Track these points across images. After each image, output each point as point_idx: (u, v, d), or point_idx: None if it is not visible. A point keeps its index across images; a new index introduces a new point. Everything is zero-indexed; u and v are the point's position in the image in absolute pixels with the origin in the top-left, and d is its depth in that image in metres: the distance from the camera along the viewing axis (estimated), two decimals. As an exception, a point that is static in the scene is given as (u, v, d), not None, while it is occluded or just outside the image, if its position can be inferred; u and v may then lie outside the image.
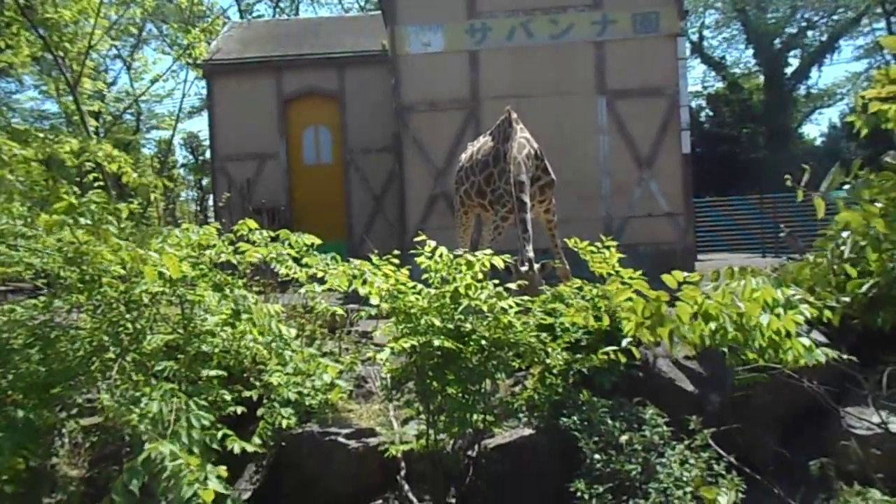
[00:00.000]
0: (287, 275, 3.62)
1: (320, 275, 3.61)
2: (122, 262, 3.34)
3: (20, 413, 3.32)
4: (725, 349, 2.89)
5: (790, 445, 3.47)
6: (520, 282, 4.77)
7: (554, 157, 11.02)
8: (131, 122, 23.49)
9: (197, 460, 2.79)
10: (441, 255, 3.79)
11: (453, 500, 3.97)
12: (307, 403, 4.17)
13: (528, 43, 11.50)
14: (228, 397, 3.50)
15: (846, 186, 3.20)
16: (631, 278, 3.31)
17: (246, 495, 3.92)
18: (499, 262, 3.94)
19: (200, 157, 22.11)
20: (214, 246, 3.45)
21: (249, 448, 3.14)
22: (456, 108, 11.64)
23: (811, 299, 2.83)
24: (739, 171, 21.55)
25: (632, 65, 11.34)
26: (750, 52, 26.80)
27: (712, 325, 2.78)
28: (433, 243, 3.82)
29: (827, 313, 2.81)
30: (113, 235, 3.11)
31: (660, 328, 2.99)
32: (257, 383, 3.95)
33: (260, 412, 3.81)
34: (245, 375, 4.04)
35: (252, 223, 3.60)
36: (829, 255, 3.20)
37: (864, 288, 3.10)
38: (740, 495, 3.10)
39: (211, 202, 15.34)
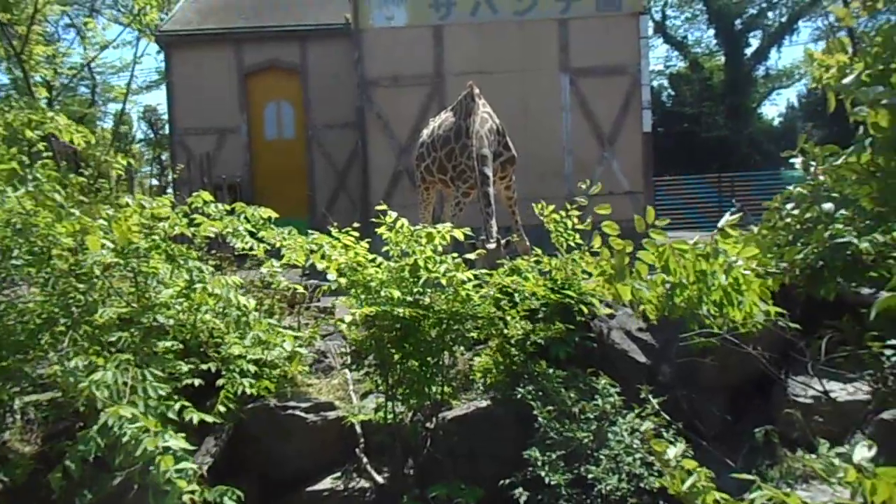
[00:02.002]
0: (243, 249, 3.58)
1: (278, 247, 3.59)
2: (71, 233, 3.28)
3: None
4: (679, 314, 2.96)
5: (738, 414, 3.59)
6: (479, 252, 4.81)
7: (517, 134, 11.05)
8: (86, 94, 22.77)
9: (156, 423, 2.78)
10: (402, 227, 3.79)
11: (411, 472, 4.02)
12: (265, 377, 4.18)
13: (492, 18, 11.46)
14: (185, 369, 3.48)
15: (796, 161, 3.29)
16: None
17: (204, 468, 3.90)
18: (459, 234, 3.96)
19: (160, 132, 21.58)
20: (168, 218, 3.39)
21: (208, 419, 3.14)
22: (420, 84, 11.57)
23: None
24: (699, 150, 21.88)
25: (595, 43, 11.38)
26: (711, 32, 27.12)
27: (670, 279, 2.85)
28: (394, 214, 3.82)
29: (768, 281, 2.89)
30: (56, 204, 3.05)
31: (620, 284, 3.04)
32: (215, 356, 3.93)
33: (220, 382, 3.79)
34: (202, 349, 4.01)
35: (207, 195, 3.55)
36: (773, 225, 3.29)
37: (801, 255, 3.21)
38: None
39: (170, 177, 15.04)
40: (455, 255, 3.92)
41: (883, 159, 2.93)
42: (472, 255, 3.94)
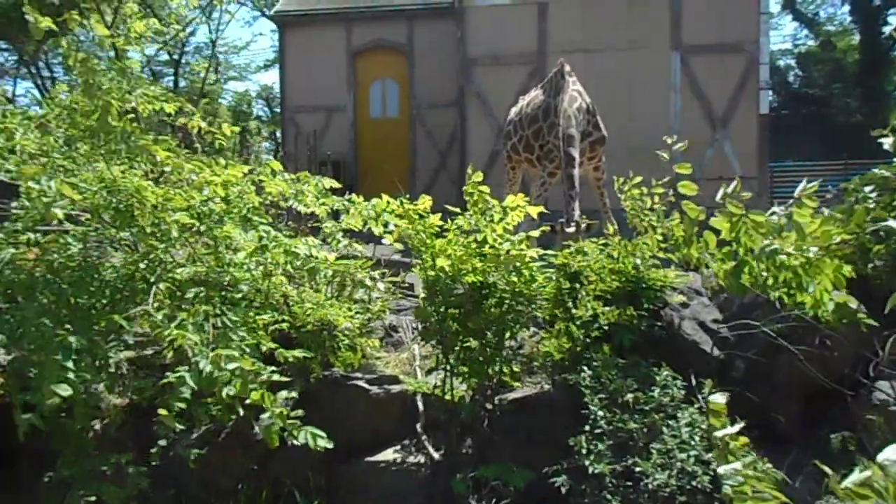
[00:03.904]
0: (306, 213, 3.67)
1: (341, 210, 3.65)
2: (155, 195, 3.47)
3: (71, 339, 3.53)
4: (744, 292, 2.75)
5: (816, 416, 3.30)
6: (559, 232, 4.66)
7: (621, 114, 10.71)
8: (210, 72, 24.22)
9: (250, 361, 2.87)
10: (477, 200, 3.75)
11: (469, 450, 4.00)
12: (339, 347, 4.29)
13: (599, -5, 11.07)
14: (266, 318, 3.61)
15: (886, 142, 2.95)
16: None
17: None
18: (533, 212, 3.86)
19: (276, 110, 22.62)
20: (238, 185, 3.52)
21: (291, 357, 3.24)
22: (521, 63, 11.39)
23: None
24: (828, 134, 20.24)
25: (710, 18, 10.75)
26: (846, 8, 24.89)
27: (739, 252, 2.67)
28: (480, 174, 3.80)
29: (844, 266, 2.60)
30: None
31: (687, 249, 2.89)
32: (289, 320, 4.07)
33: (307, 321, 3.90)
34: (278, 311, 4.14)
35: (276, 164, 3.66)
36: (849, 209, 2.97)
37: (882, 245, 2.86)
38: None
39: (279, 153, 15.73)
40: (525, 233, 3.83)
41: None
42: (535, 233, 3.82)
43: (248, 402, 2.74)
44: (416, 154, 13.86)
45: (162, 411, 2.79)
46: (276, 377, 3.23)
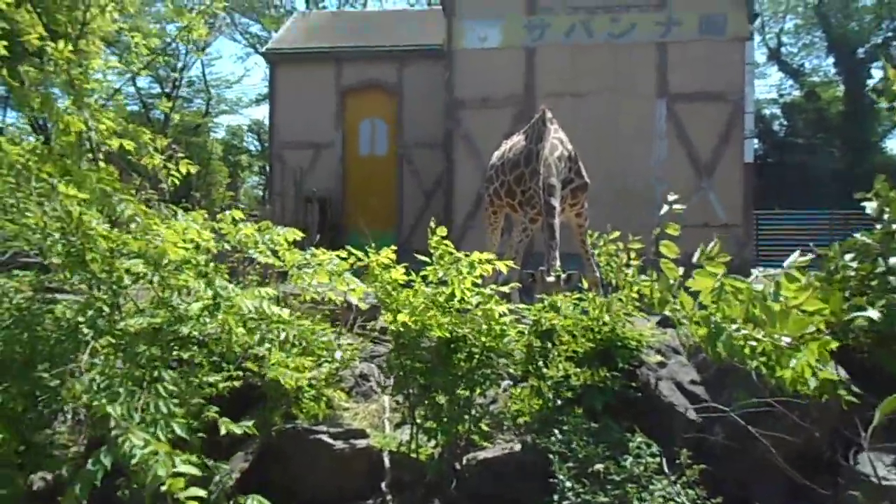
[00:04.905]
0: (267, 264, 3.54)
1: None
2: (112, 240, 3.31)
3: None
4: (720, 361, 2.62)
5: (797, 489, 3.13)
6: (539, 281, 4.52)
7: (606, 159, 10.70)
8: (202, 105, 24.27)
9: (167, 446, 2.69)
10: (443, 253, 3.63)
11: (435, 512, 3.80)
12: (304, 398, 4.10)
13: (587, 41, 11.16)
14: (213, 379, 3.43)
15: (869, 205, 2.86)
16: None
17: (230, 484, 3.86)
18: (503, 266, 3.73)
19: (266, 145, 22.66)
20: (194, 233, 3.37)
21: (237, 430, 3.05)
22: (509, 105, 11.42)
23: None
24: (812, 183, 20.39)
25: (695, 68, 10.85)
26: (830, 60, 25.36)
27: (716, 317, 2.54)
28: (444, 230, 3.68)
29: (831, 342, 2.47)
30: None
31: (661, 309, 2.77)
32: (253, 369, 3.89)
33: (270, 375, 3.70)
34: (238, 361, 3.97)
35: (239, 214, 3.52)
36: (828, 278, 2.86)
37: (862, 317, 2.74)
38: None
39: (265, 191, 15.70)
40: (494, 286, 3.70)
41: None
42: (505, 289, 3.69)
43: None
44: (403, 193, 13.82)
45: (65, 499, 2.54)
46: (228, 427, 3.03)
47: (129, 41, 3.80)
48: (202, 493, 2.66)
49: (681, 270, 3.21)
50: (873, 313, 2.58)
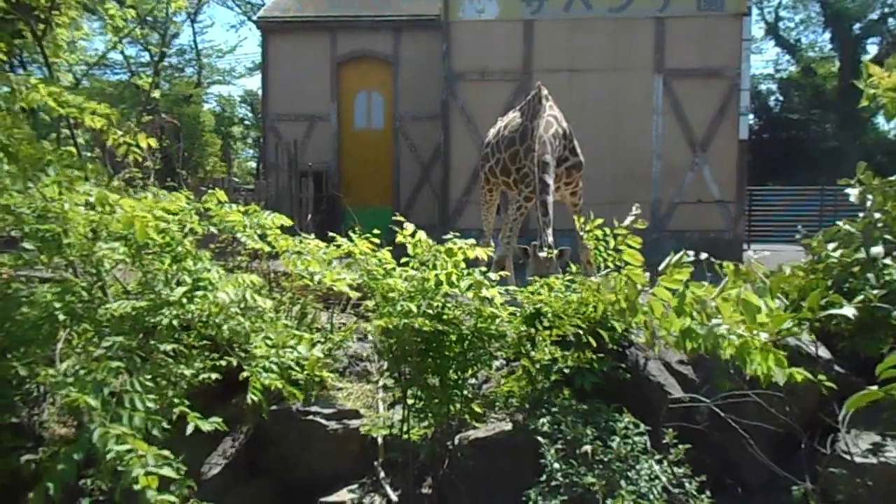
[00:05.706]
0: (255, 248, 3.53)
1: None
2: (88, 221, 3.22)
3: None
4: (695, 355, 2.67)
5: (782, 463, 3.21)
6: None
7: (604, 135, 10.68)
8: (193, 75, 23.94)
9: (144, 444, 2.65)
10: (419, 241, 3.64)
11: (428, 491, 3.87)
12: (290, 381, 4.10)
13: (585, 14, 11.05)
14: (200, 365, 3.39)
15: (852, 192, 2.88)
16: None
17: (216, 470, 3.90)
18: (482, 253, 3.73)
19: (259, 115, 22.46)
20: (182, 212, 3.33)
21: (206, 427, 3.00)
22: (506, 79, 11.35)
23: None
24: (806, 159, 20.38)
25: (693, 43, 10.78)
26: (827, 36, 25.14)
27: (683, 323, 2.57)
28: (411, 226, 3.67)
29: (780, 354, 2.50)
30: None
31: (631, 317, 2.80)
32: (241, 354, 3.89)
33: (243, 375, 3.71)
34: (225, 345, 3.97)
35: (222, 195, 3.49)
36: (811, 268, 2.89)
37: (845, 307, 2.78)
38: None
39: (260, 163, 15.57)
40: (483, 269, 3.72)
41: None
42: (494, 275, 3.71)
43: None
44: (400, 167, 13.74)
45: (33, 498, 2.49)
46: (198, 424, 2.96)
47: (115, 5, 3.72)
48: (174, 499, 2.62)
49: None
50: (848, 311, 2.61)
